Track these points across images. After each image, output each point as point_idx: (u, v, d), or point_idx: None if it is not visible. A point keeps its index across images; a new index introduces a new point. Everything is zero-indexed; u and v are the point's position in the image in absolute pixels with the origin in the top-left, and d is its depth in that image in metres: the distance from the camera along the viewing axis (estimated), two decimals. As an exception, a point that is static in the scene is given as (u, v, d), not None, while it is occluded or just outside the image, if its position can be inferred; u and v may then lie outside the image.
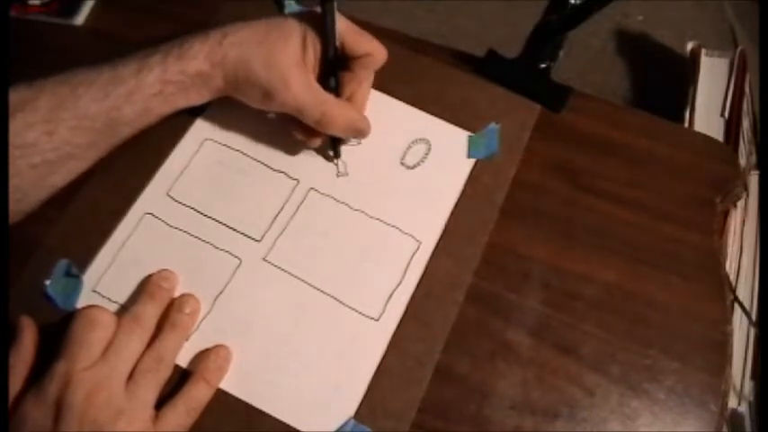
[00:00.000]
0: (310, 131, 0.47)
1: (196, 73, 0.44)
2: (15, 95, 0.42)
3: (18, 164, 0.41)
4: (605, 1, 0.46)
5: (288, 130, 0.49)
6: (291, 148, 0.50)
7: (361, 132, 0.48)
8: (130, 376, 0.39)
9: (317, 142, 0.48)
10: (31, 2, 0.58)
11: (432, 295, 0.45)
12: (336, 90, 0.47)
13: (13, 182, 0.41)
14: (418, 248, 0.47)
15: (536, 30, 0.52)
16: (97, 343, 0.39)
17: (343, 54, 0.46)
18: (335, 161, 0.50)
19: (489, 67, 0.54)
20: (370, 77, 0.50)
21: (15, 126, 0.41)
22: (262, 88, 0.44)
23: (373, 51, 0.46)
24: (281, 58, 0.44)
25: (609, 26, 1.17)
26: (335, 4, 0.44)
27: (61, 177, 0.44)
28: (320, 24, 0.45)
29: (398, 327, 0.44)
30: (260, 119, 0.51)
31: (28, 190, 0.43)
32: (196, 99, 0.46)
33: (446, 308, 0.45)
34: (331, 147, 0.50)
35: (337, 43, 0.45)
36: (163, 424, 0.39)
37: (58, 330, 0.40)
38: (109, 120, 0.43)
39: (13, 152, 0.41)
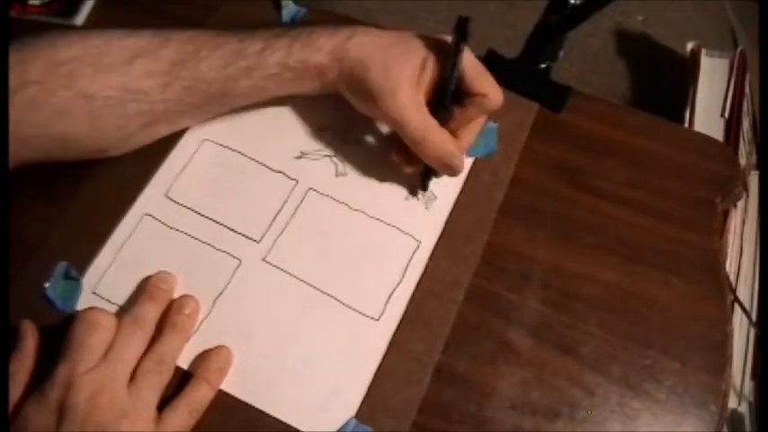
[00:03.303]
0: (408, 158, 0.47)
1: (316, 64, 0.45)
2: (139, 41, 0.44)
3: (128, 107, 0.43)
4: (605, 1, 0.46)
5: (288, 132, 0.49)
6: (290, 149, 0.50)
7: (452, 169, 0.46)
8: (132, 378, 0.39)
9: (411, 170, 0.48)
10: (31, 2, 0.57)
11: (432, 294, 0.45)
12: (445, 120, 0.45)
13: (118, 122, 0.44)
14: (418, 248, 0.47)
15: (536, 30, 0.52)
16: (98, 345, 0.39)
17: (460, 89, 0.45)
18: (420, 194, 0.49)
19: (489, 67, 0.54)
20: (481, 120, 0.48)
21: (134, 71, 0.43)
22: (371, 92, 0.44)
23: (490, 93, 0.45)
24: (398, 70, 0.44)
25: (609, 26, 1.17)
26: (467, 45, 0.44)
27: (166, 128, 0.47)
28: (444, 51, 0.45)
29: (399, 326, 0.44)
30: (258, 119, 0.51)
31: (131, 131, 0.45)
32: (309, 89, 0.47)
33: (446, 307, 0.45)
34: (421, 179, 0.48)
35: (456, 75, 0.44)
36: (165, 425, 0.39)
37: (59, 332, 0.40)
38: (224, 88, 0.45)
39: (126, 95, 0.43)
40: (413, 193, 0.49)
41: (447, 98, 0.45)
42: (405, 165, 0.48)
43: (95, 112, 0.43)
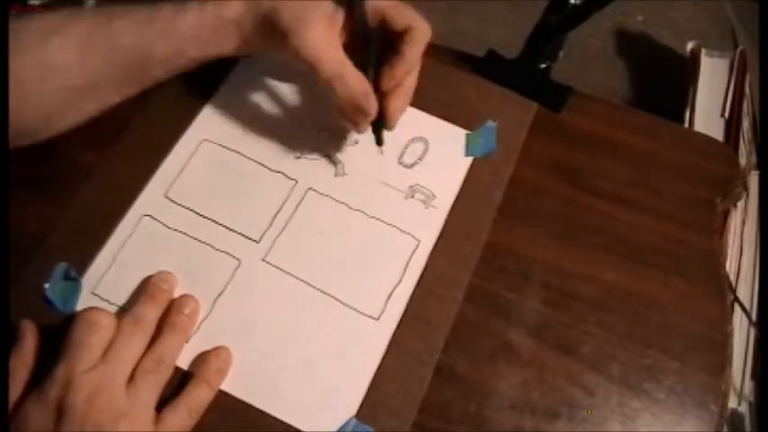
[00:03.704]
0: (356, 117, 0.45)
1: (231, 19, 0.44)
2: (54, 20, 0.44)
3: (49, 84, 0.43)
4: (605, 1, 0.46)
5: (287, 132, 0.50)
6: (289, 148, 0.50)
7: (364, 111, 0.44)
8: (131, 378, 0.39)
9: (362, 129, 0.47)
10: (31, 2, 0.57)
11: (431, 294, 0.45)
12: (374, 79, 0.44)
13: (42, 100, 0.43)
14: (417, 247, 0.47)
15: (536, 30, 0.52)
16: (98, 345, 0.39)
17: (386, 32, 0.44)
18: (380, 149, 0.49)
19: (489, 67, 0.54)
20: (417, 64, 0.46)
21: (51, 47, 0.43)
22: (283, 31, 0.43)
23: (414, 24, 0.44)
24: (309, 7, 0.43)
25: (609, 26, 1.17)
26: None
27: (94, 105, 0.46)
28: None
29: (399, 326, 0.44)
30: (257, 119, 0.51)
31: (55, 111, 0.44)
32: (227, 47, 0.46)
33: (446, 306, 0.45)
34: (374, 133, 0.48)
35: (373, 23, 0.44)
36: (164, 426, 0.39)
37: (59, 332, 0.40)
38: (142, 55, 0.44)
39: (45, 72, 0.43)
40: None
41: (366, 42, 0.44)
42: (352, 125, 0.47)
43: (17, 92, 0.42)
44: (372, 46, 0.45)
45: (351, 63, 0.43)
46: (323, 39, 0.43)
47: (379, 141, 0.49)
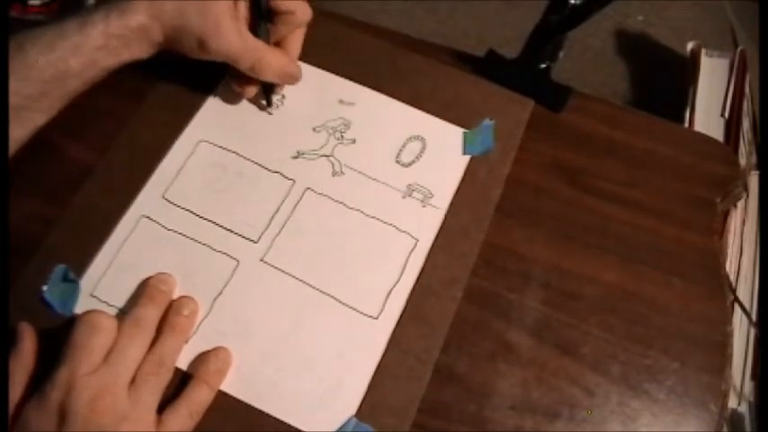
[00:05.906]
0: (245, 82, 0.50)
1: (137, 26, 0.46)
2: None
3: None
4: (605, 1, 0.46)
5: (284, 132, 0.50)
6: (287, 149, 0.50)
7: (292, 77, 0.50)
8: (132, 380, 0.39)
9: (252, 91, 0.51)
10: (31, 2, 0.58)
11: (430, 292, 0.45)
12: (267, 39, 0.49)
13: None
14: (415, 246, 0.47)
15: (536, 30, 0.52)
16: (99, 348, 0.39)
17: (269, 9, 0.48)
18: (268, 110, 0.52)
19: (489, 67, 0.54)
20: (299, 32, 0.51)
21: None
22: (196, 37, 0.46)
23: (295, 10, 0.49)
24: (214, 7, 0.46)
25: (609, 26, 1.17)
26: None
27: (19, 130, 0.46)
28: None
29: (398, 324, 0.44)
30: (254, 120, 0.51)
31: None
32: (138, 53, 0.48)
33: (445, 304, 0.45)
34: (264, 96, 0.51)
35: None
36: (166, 427, 0.39)
37: (57, 335, 0.40)
38: (56, 71, 0.45)
39: None
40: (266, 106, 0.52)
41: (261, 19, 0.48)
42: (245, 90, 0.50)
43: None
44: (265, 20, 0.49)
45: (264, 45, 0.48)
46: (233, 35, 0.46)
47: (269, 103, 0.51)
